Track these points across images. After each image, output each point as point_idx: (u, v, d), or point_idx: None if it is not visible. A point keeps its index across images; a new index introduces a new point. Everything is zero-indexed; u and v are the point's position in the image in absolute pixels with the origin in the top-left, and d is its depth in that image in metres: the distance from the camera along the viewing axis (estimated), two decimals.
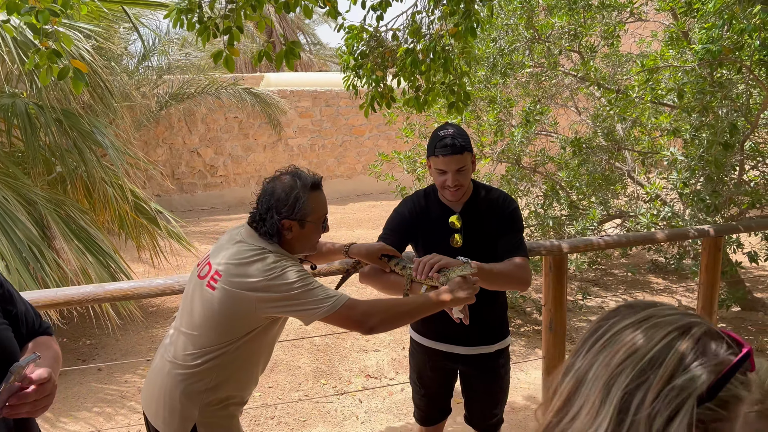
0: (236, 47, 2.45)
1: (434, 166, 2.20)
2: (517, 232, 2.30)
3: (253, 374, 1.93)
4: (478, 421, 2.56)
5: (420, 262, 1.97)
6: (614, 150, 5.23)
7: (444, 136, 2.16)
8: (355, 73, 3.18)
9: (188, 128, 11.01)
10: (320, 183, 1.91)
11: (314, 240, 1.92)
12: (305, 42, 29.46)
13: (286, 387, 4.26)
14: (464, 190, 2.25)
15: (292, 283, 1.71)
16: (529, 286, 2.25)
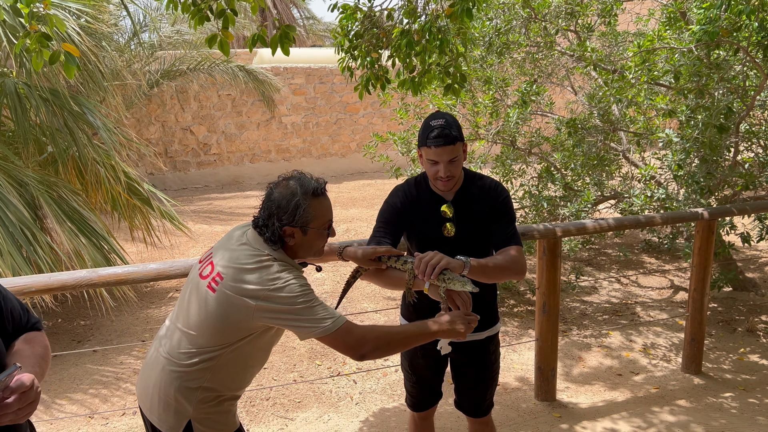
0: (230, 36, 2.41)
1: (426, 156, 2.18)
2: (510, 220, 2.30)
3: (247, 375, 1.92)
4: (469, 406, 2.59)
5: (422, 261, 1.96)
6: (609, 131, 5.21)
7: (435, 127, 2.13)
8: (350, 55, 3.14)
9: (181, 106, 10.90)
10: (323, 189, 1.86)
11: (318, 246, 1.89)
12: (299, 16, 29.07)
13: (281, 368, 4.29)
14: (455, 182, 2.25)
15: (294, 297, 1.70)
16: (525, 276, 2.26)
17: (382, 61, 3.28)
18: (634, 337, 4.84)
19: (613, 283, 6.15)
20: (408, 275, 2.06)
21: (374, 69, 3.12)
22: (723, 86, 4.22)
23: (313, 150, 12.13)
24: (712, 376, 4.13)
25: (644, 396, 3.87)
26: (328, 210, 1.87)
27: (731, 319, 5.13)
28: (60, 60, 2.18)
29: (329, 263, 6.71)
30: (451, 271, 1.94)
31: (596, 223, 3.67)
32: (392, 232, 2.27)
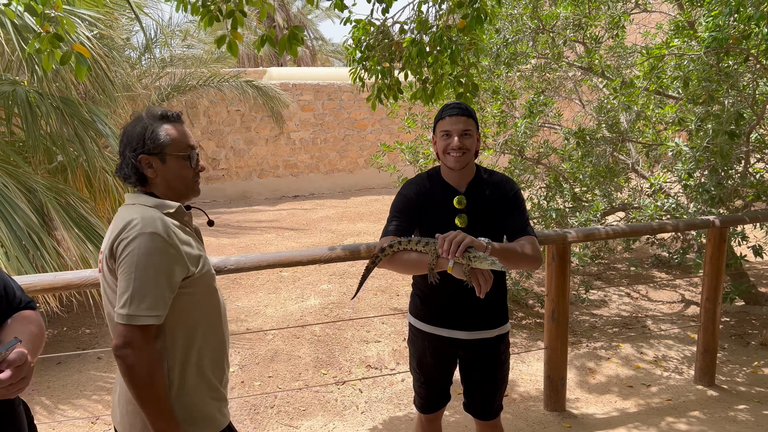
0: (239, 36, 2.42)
1: (440, 129, 2.24)
2: (523, 212, 2.31)
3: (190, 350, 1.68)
4: (478, 408, 2.53)
5: (446, 239, 1.96)
6: (618, 142, 5.18)
7: (451, 103, 2.24)
8: (362, 66, 3.15)
9: (190, 121, 10.98)
10: (176, 115, 1.73)
11: (186, 176, 1.71)
12: (308, 37, 29.41)
13: (286, 377, 4.24)
14: (468, 159, 2.24)
15: (141, 263, 1.51)
16: (540, 265, 2.25)
17: (394, 73, 3.28)
18: (645, 349, 4.76)
19: (623, 297, 6.07)
20: (431, 256, 2.05)
21: (386, 79, 3.12)
22: (733, 96, 4.20)
23: (321, 166, 12.16)
24: (726, 388, 4.04)
25: (657, 407, 3.79)
26: (185, 135, 1.72)
27: (744, 333, 5.04)
28: (71, 61, 2.19)
29: (334, 273, 6.68)
30: (476, 250, 1.92)
31: (608, 228, 3.63)
32: (406, 222, 2.27)
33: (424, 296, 2.44)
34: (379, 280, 6.33)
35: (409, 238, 2.15)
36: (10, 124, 5.03)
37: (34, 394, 4.04)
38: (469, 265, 1.94)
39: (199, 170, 1.78)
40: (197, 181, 1.77)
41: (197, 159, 1.76)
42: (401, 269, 2.22)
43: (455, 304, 2.35)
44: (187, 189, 1.74)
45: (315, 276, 6.54)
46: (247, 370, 4.32)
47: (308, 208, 10.73)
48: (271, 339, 4.84)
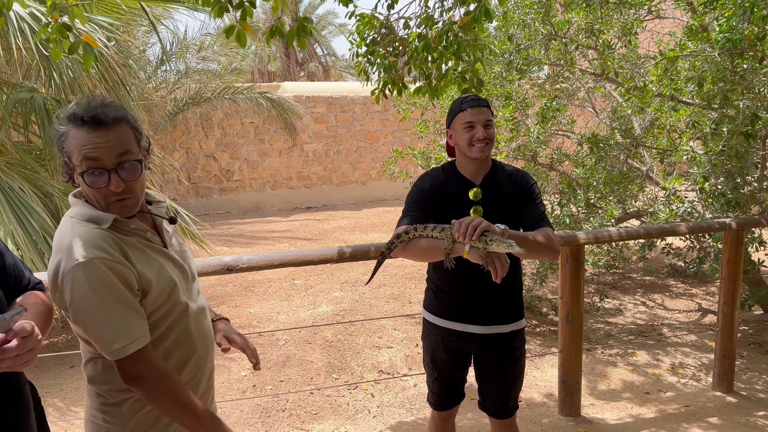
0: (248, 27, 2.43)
1: (462, 120, 2.23)
2: (539, 205, 2.30)
3: None
4: (493, 406, 2.49)
5: (462, 223, 1.95)
6: (632, 147, 5.15)
7: (468, 95, 2.24)
8: (367, 59, 3.16)
9: (205, 133, 11.09)
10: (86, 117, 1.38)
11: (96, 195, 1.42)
12: (321, 53, 29.73)
13: (297, 381, 4.21)
14: (491, 149, 2.25)
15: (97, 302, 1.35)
16: (558, 256, 2.23)
17: (398, 67, 3.30)
18: (661, 356, 4.68)
19: (639, 306, 5.99)
20: (447, 241, 2.05)
21: (391, 73, 3.13)
22: (749, 98, 4.16)
23: (333, 177, 12.21)
24: (745, 395, 3.96)
25: (674, 413, 3.72)
26: (87, 146, 1.37)
27: (763, 341, 4.94)
28: (79, 50, 2.22)
29: (347, 281, 6.67)
30: (492, 233, 1.92)
31: (620, 230, 3.59)
32: (421, 214, 2.27)
33: (438, 290, 2.43)
34: (391, 288, 6.31)
35: (425, 224, 2.14)
36: (27, 131, 5.10)
37: (47, 396, 4.05)
38: (486, 248, 1.93)
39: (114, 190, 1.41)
40: (119, 200, 1.43)
41: (107, 178, 1.39)
42: (416, 256, 2.21)
43: (469, 298, 2.33)
44: (108, 208, 1.44)
45: (327, 284, 6.53)
46: (259, 374, 4.31)
47: (321, 219, 10.75)
48: (283, 344, 4.82)
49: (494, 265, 1.96)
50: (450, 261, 2.10)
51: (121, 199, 1.42)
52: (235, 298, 6.14)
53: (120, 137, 1.40)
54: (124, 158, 1.40)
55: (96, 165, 1.37)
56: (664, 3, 5.47)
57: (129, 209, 1.46)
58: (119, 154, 1.39)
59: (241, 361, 4.51)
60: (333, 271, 7.04)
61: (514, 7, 4.93)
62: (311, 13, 29.61)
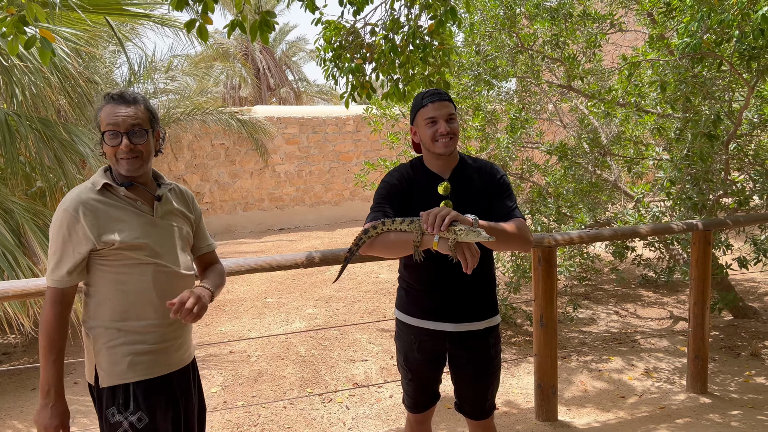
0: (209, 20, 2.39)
1: (423, 117, 2.20)
2: (511, 197, 2.28)
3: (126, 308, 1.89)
4: (470, 407, 2.44)
5: (430, 214, 1.92)
6: (599, 156, 5.22)
7: (429, 90, 2.22)
8: (335, 64, 3.15)
9: (174, 155, 10.96)
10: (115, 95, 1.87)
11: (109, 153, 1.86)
12: (293, 78, 29.82)
13: (270, 396, 4.10)
14: (456, 143, 2.23)
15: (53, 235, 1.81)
16: (531, 247, 2.20)
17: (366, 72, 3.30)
18: (635, 362, 4.69)
19: (612, 315, 6.02)
20: (415, 233, 2.01)
21: (358, 76, 3.13)
22: (709, 105, 4.26)
23: (306, 198, 12.14)
24: (718, 395, 3.98)
25: (650, 415, 3.71)
26: (111, 114, 1.83)
27: (734, 345, 4.99)
28: (36, 45, 2.16)
29: (320, 297, 6.55)
30: (462, 223, 1.89)
31: (586, 233, 3.61)
32: (390, 210, 2.23)
33: (410, 288, 2.38)
34: (365, 303, 6.24)
35: (393, 218, 2.11)
36: None
37: (6, 418, 3.87)
38: (455, 239, 1.90)
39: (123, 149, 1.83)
40: (122, 160, 1.85)
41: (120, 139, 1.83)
42: (385, 251, 2.17)
43: (442, 296, 2.29)
44: (114, 164, 1.88)
45: (300, 301, 6.43)
46: (230, 390, 4.19)
47: (294, 239, 10.65)
48: (255, 360, 4.71)
49: (464, 255, 1.93)
50: (419, 254, 2.06)
51: (128, 158, 1.83)
52: (205, 317, 6.00)
53: (136, 112, 1.85)
54: (135, 126, 1.83)
55: (113, 128, 1.82)
56: (626, 17, 5.62)
57: (133, 168, 1.86)
58: (132, 124, 1.83)
59: (210, 377, 4.39)
60: (306, 289, 6.95)
61: (480, 20, 5.00)
62: (282, 39, 29.75)
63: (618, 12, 5.59)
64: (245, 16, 2.33)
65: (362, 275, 7.52)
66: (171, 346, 1.94)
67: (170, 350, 1.94)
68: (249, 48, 26.34)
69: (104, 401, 1.85)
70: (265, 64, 26.89)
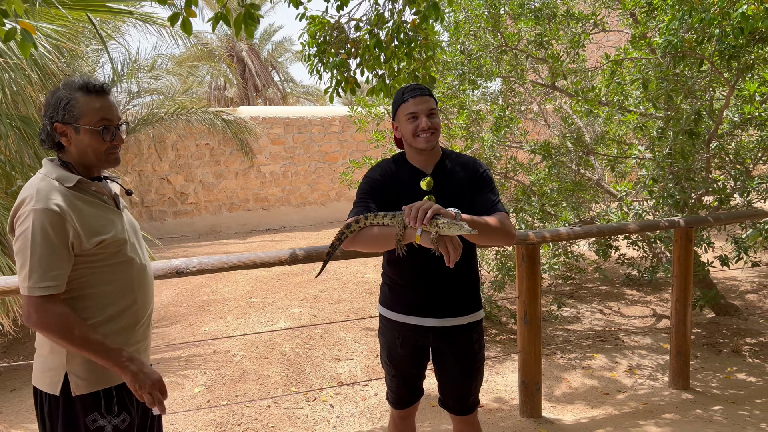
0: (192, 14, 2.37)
1: (404, 112, 2.20)
2: (494, 191, 2.27)
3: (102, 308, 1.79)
4: (454, 403, 2.43)
5: (413, 207, 1.92)
6: (583, 155, 5.26)
7: (410, 85, 2.21)
8: (319, 58, 3.14)
9: (158, 155, 10.87)
10: (98, 86, 1.75)
11: (97, 149, 1.75)
12: (278, 79, 29.75)
13: (254, 395, 4.08)
14: (437, 139, 2.23)
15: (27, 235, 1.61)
16: (514, 241, 2.20)
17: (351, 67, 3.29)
18: (618, 359, 4.72)
19: (596, 313, 6.06)
20: (398, 227, 2.01)
21: (343, 71, 3.12)
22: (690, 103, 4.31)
23: (291, 199, 12.09)
24: (700, 391, 4.01)
25: (633, 411, 3.73)
26: (103, 108, 1.74)
27: (716, 342, 5.05)
28: (16, 37, 2.13)
29: (305, 297, 6.52)
30: (444, 217, 1.89)
31: (571, 229, 3.63)
32: (373, 204, 2.22)
33: (393, 284, 2.38)
34: (351, 303, 6.22)
35: (375, 212, 2.10)
36: None
37: None
38: (437, 232, 1.90)
39: (115, 144, 1.79)
40: (112, 153, 1.79)
41: (113, 133, 1.77)
42: (368, 246, 2.16)
43: (425, 291, 2.29)
44: (99, 160, 1.78)
45: (285, 301, 6.40)
46: (213, 390, 4.15)
47: (279, 240, 10.61)
48: (239, 360, 4.68)
49: (446, 248, 1.93)
50: (402, 248, 2.06)
51: (114, 152, 1.79)
52: (189, 317, 5.95)
53: (116, 103, 1.81)
54: (122, 120, 1.81)
55: (109, 123, 1.75)
56: (609, 17, 5.66)
57: (118, 161, 1.82)
58: (118, 116, 1.79)
59: (194, 377, 4.35)
60: (291, 289, 6.92)
61: (465, 19, 5.02)
62: (268, 40, 29.66)
63: (601, 12, 5.63)
64: (229, 9, 2.31)
65: (348, 275, 7.50)
66: (141, 347, 1.89)
67: (140, 351, 1.88)
68: (235, 48, 26.24)
69: (78, 409, 1.72)
70: (251, 64, 26.80)
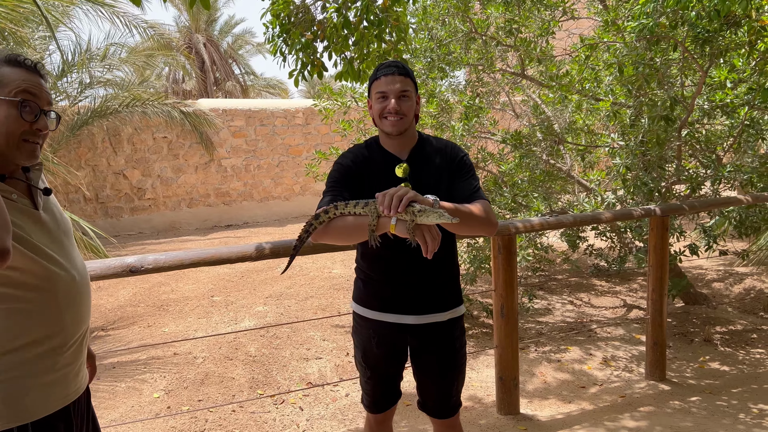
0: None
1: (375, 90, 2.02)
2: (473, 177, 2.10)
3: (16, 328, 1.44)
4: (434, 404, 2.27)
5: (386, 194, 1.73)
6: (553, 145, 5.16)
7: (387, 62, 2.02)
8: (283, 39, 2.93)
9: (113, 149, 10.43)
10: (27, 62, 1.47)
11: (11, 130, 1.41)
12: (239, 72, 29.15)
13: (218, 399, 3.85)
14: (406, 124, 2.04)
15: None
16: (495, 230, 2.03)
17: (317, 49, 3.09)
18: (593, 351, 4.65)
19: (567, 305, 6.00)
20: (371, 216, 1.82)
21: (309, 53, 2.91)
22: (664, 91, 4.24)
23: (254, 193, 11.78)
24: (677, 382, 3.96)
25: (611, 404, 3.65)
26: (29, 82, 1.44)
27: (687, 331, 5.03)
28: None
29: (271, 295, 6.30)
30: (421, 204, 1.72)
31: (546, 219, 3.51)
32: (344, 192, 2.03)
33: (368, 279, 2.20)
34: (318, 299, 6.02)
35: (346, 201, 1.91)
36: None
37: None
38: (414, 220, 1.72)
39: (38, 129, 1.45)
40: (29, 142, 1.44)
41: (38, 115, 1.44)
42: (338, 237, 1.97)
43: (402, 286, 2.11)
44: (9, 146, 1.41)
45: (249, 299, 6.16)
46: (174, 395, 3.91)
47: (242, 236, 10.31)
48: (201, 362, 4.43)
49: (423, 238, 1.75)
50: (375, 239, 1.87)
51: (39, 143, 1.47)
52: (146, 318, 5.66)
53: (47, 89, 1.51)
54: (52, 107, 1.51)
55: (33, 99, 1.44)
56: (578, 4, 5.57)
57: (35, 156, 1.47)
58: (49, 102, 1.50)
59: (153, 381, 4.09)
60: (256, 286, 6.68)
61: (433, 4, 4.86)
62: (228, 32, 29.03)
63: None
64: None
65: (315, 270, 7.29)
66: (70, 372, 1.55)
67: (69, 377, 1.55)
68: (193, 40, 25.58)
69: None
70: (211, 56, 26.17)
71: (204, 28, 26.84)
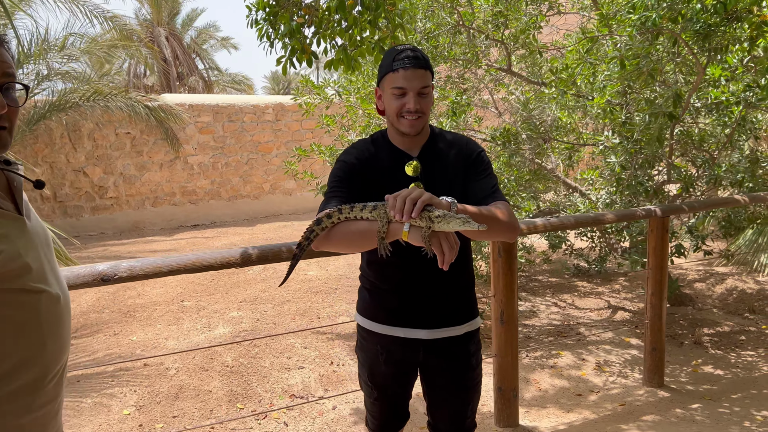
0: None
1: (391, 85, 1.77)
2: (491, 176, 1.89)
3: None
4: (447, 426, 2.06)
5: (398, 197, 1.50)
6: (542, 142, 5.01)
7: (405, 50, 1.76)
8: (269, 22, 2.66)
9: (73, 145, 9.91)
10: None
11: None
12: (203, 67, 28.50)
13: (194, 415, 3.56)
14: (424, 123, 1.83)
15: None
16: (517, 235, 1.82)
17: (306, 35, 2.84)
18: (585, 356, 4.51)
19: (551, 307, 5.87)
20: (380, 222, 1.58)
21: (298, 37, 2.66)
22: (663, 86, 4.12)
23: (222, 192, 11.38)
24: (675, 388, 3.84)
25: (611, 414, 3.50)
26: None
27: (675, 334, 4.94)
28: None
29: (245, 299, 6.00)
30: (437, 208, 1.49)
31: (548, 220, 3.34)
32: (348, 194, 1.79)
33: (375, 289, 1.97)
34: (296, 304, 5.75)
35: (351, 204, 1.67)
36: None
37: None
38: (431, 227, 1.49)
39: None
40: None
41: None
42: (343, 245, 1.73)
43: (413, 297, 1.89)
44: None
45: (222, 304, 5.84)
46: (146, 411, 3.60)
47: (210, 236, 9.92)
48: (174, 374, 4.12)
49: (440, 247, 1.52)
50: (386, 247, 1.63)
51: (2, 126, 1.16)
52: (113, 325, 5.29)
53: (8, 56, 1.17)
54: (10, 80, 1.16)
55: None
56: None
57: (4, 144, 1.18)
58: (4, 74, 1.15)
59: (122, 396, 3.77)
60: (228, 289, 6.36)
61: None
62: (190, 24, 28.34)
63: None
64: None
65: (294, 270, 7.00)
66: (51, 409, 1.28)
67: (48, 416, 1.27)
68: (155, 34, 24.84)
69: None
70: (172, 51, 25.45)
71: (167, 21, 26.11)
